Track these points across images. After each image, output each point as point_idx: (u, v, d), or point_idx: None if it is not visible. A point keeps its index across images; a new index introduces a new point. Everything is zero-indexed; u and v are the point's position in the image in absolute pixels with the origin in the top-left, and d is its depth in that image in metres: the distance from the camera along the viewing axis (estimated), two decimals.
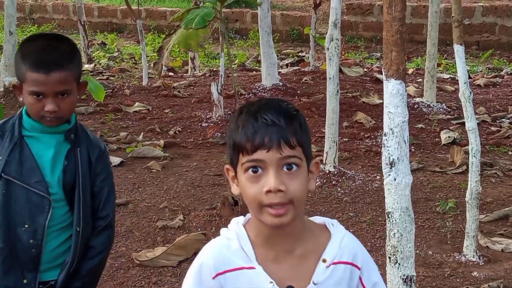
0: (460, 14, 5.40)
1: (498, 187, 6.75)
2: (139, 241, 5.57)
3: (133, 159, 7.64)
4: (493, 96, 10.76)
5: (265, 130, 1.85)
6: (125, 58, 14.75)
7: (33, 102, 2.51)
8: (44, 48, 2.54)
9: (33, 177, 2.51)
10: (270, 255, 1.94)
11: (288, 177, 1.86)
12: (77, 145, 2.63)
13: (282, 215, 1.85)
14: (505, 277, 4.88)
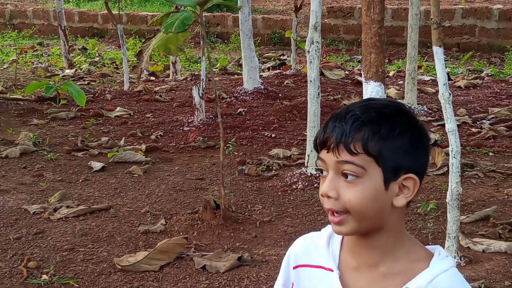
0: (439, 16, 5.43)
1: (479, 188, 6.77)
2: (120, 246, 5.54)
3: (115, 164, 7.62)
4: (473, 98, 10.82)
5: (331, 129, 1.78)
6: (106, 63, 14.73)
7: None
8: None
9: None
10: (352, 263, 1.87)
11: (345, 185, 1.75)
12: None
13: (338, 224, 1.79)
14: (486, 278, 4.90)
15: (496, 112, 9.71)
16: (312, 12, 7.27)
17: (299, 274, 1.94)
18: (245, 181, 7.05)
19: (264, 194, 6.70)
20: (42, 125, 9.30)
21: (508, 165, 7.46)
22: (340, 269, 1.86)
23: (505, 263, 5.15)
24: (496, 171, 7.25)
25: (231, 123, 9.12)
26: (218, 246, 5.48)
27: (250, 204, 6.42)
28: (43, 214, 6.20)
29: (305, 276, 1.93)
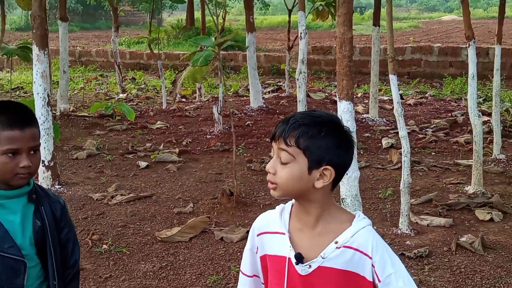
0: (394, 52, 5.42)
1: (424, 178, 6.77)
2: (160, 223, 5.55)
3: (156, 163, 7.63)
4: (420, 112, 10.81)
5: (278, 127, 1.88)
6: (149, 89, 14.73)
7: (8, 161, 2.03)
8: (11, 109, 2.12)
9: (5, 243, 2.04)
10: (298, 226, 1.92)
11: (280, 166, 1.85)
12: (40, 204, 2.16)
13: (272, 189, 1.89)
14: (429, 245, 4.89)
15: (437, 122, 9.70)
16: (300, 50, 7.28)
17: (261, 240, 1.99)
18: (252, 175, 7.05)
19: (266, 184, 6.68)
20: (102, 135, 9.32)
21: (446, 161, 7.45)
22: (290, 232, 1.92)
23: (444, 233, 5.15)
24: (436, 166, 7.24)
25: (241, 132, 9.12)
26: (232, 223, 5.48)
27: (255, 191, 6.43)
28: (103, 200, 6.22)
29: (265, 240, 1.98)
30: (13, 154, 2.04)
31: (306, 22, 7.85)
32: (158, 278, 4.46)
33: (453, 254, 4.75)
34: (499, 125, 7.49)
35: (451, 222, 5.37)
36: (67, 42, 11.61)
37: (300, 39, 7.45)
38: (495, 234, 5.14)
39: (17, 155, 2.04)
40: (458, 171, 7.06)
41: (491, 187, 6.31)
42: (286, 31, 13.95)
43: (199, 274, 4.49)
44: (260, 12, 31.76)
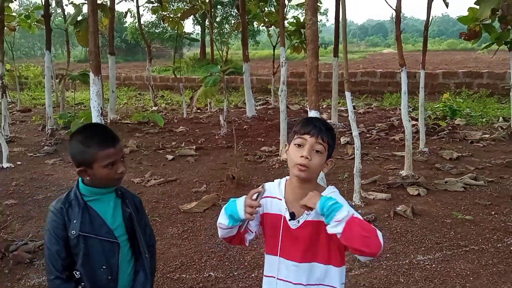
0: (348, 76, 5.44)
1: (371, 165, 6.79)
2: (182, 199, 5.55)
3: (179, 156, 7.62)
4: (367, 118, 10.83)
5: (312, 126, 1.91)
6: (174, 103, 14.70)
7: (109, 171, 2.00)
8: (99, 130, 2.06)
9: (102, 230, 2.01)
10: (290, 197, 1.96)
11: (315, 154, 1.88)
12: (125, 198, 2.13)
13: (303, 171, 1.87)
14: (375, 212, 4.91)
15: (379, 125, 9.71)
16: (282, 75, 7.29)
17: (265, 201, 1.99)
18: (248, 164, 7.05)
19: (258, 171, 6.70)
20: (140, 137, 9.29)
21: (386, 153, 7.47)
22: (285, 199, 1.96)
23: (385, 204, 5.17)
24: (379, 157, 7.26)
25: (240, 134, 9.11)
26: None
27: (250, 176, 6.43)
28: (142, 183, 6.21)
29: (267, 202, 1.99)
30: (112, 165, 2.00)
31: (286, 54, 7.86)
32: (181, 238, 4.47)
33: (392, 219, 4.78)
34: (423, 127, 7.54)
35: (390, 196, 5.40)
36: (114, 70, 11.60)
37: (282, 67, 7.46)
38: (421, 204, 5.18)
39: (114, 165, 2.01)
40: (394, 160, 7.09)
41: (418, 171, 6.34)
42: (271, 61, 13.96)
43: (211, 235, 4.50)
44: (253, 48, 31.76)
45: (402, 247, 4.16)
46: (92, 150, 1.98)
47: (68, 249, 2.00)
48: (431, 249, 4.13)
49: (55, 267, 1.98)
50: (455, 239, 4.31)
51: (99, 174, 2.00)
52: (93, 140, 1.99)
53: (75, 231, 1.97)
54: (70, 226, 1.98)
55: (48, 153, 8.07)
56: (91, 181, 2.04)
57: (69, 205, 2.01)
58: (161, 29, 28.16)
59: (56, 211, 2.01)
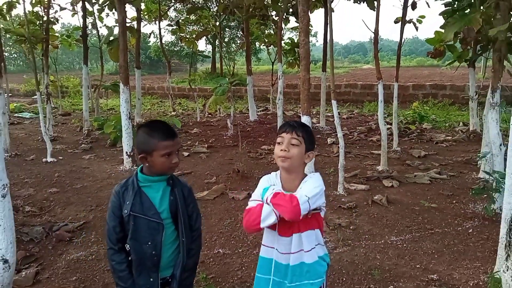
0: (334, 87, 5.43)
1: (353, 162, 6.78)
2: (197, 188, 5.52)
3: (194, 153, 7.60)
4: (350, 122, 10.82)
5: (288, 126, 1.95)
6: (189, 109, 14.69)
7: (165, 160, 1.98)
8: (163, 126, 2.04)
9: (150, 211, 2.00)
10: (284, 187, 1.98)
11: (292, 147, 1.91)
12: (174, 186, 2.08)
13: (284, 162, 1.92)
14: (355, 201, 4.90)
15: (360, 129, 9.70)
16: (279, 86, 7.28)
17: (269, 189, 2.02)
18: (251, 160, 7.04)
19: (259, 165, 6.69)
20: None
21: (365, 151, 7.45)
22: (282, 187, 1.99)
23: (364, 194, 5.16)
24: (360, 155, 7.25)
25: (244, 134, 9.10)
26: (239, 188, 5.48)
27: (252, 170, 6.42)
28: None
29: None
30: (168, 155, 1.99)
31: (282, 69, 7.85)
32: None
33: (370, 206, 4.77)
34: (396, 130, 7.52)
35: (368, 187, 5.39)
36: (140, 82, 11.57)
37: (279, 80, 7.44)
38: (395, 194, 5.17)
39: (170, 156, 1.99)
40: (372, 157, 7.07)
41: (392, 167, 6.33)
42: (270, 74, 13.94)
43: (220, 218, 4.50)
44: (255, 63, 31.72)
45: (379, 230, 4.15)
46: (154, 140, 1.98)
47: (122, 225, 2.01)
48: (403, 231, 4.12)
49: (111, 239, 2.02)
50: (423, 223, 4.31)
51: (157, 162, 1.98)
52: (156, 132, 1.99)
53: (127, 210, 1.98)
54: (124, 206, 2.00)
55: (84, 149, 8.07)
56: (149, 168, 2.03)
57: (125, 188, 2.03)
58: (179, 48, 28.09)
59: (115, 193, 2.03)
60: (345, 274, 3.33)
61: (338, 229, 4.14)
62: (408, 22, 7.15)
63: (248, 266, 3.50)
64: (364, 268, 3.41)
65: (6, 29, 11.13)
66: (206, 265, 3.52)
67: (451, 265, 3.47)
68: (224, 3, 10.74)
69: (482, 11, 4.60)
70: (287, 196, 1.85)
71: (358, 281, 3.23)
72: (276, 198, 1.86)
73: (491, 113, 4.56)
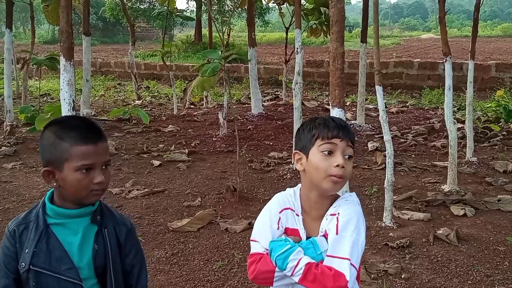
0: (379, 66, 5.44)
1: (405, 178, 6.78)
2: (171, 215, 5.55)
3: (168, 162, 7.63)
4: (401, 119, 10.83)
5: (339, 130, 1.93)
6: (162, 96, 14.74)
7: (82, 178, 1.79)
8: (82, 123, 1.87)
9: (63, 265, 1.81)
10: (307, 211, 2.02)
11: (347, 161, 1.92)
12: (103, 226, 1.90)
13: (339, 184, 1.92)
14: (410, 236, 4.91)
15: (416, 128, 9.71)
16: (296, 63, 7.28)
17: (285, 214, 2.03)
18: (253, 173, 7.06)
19: (265, 181, 6.71)
20: (120, 137, 9.32)
21: (424, 163, 7.46)
22: (302, 214, 2.02)
23: (422, 227, 5.16)
24: (416, 167, 7.25)
25: (244, 135, 9.13)
26: (235, 215, 5.49)
27: (256, 188, 6.43)
28: (121, 194, 6.22)
29: (288, 215, 2.03)
30: (87, 170, 1.81)
31: (302, 38, 7.87)
32: (170, 264, 4.47)
33: (431, 244, 4.77)
34: (471, 131, 7.51)
35: (429, 217, 5.38)
36: (89, 55, 11.64)
37: (297, 54, 7.46)
38: (468, 227, 5.16)
39: (91, 171, 1.81)
40: (435, 171, 7.07)
41: (464, 186, 6.32)
42: (283, 46, 14.02)
43: (206, 260, 4.51)
44: (260, 29, 31.82)
45: (444, 280, 4.15)
46: (65, 144, 1.81)
47: (19, 284, 1.87)
48: (480, 282, 4.11)
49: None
50: (510, 271, 4.30)
51: (69, 180, 1.81)
52: (70, 132, 1.83)
53: (24, 263, 1.82)
54: (22, 255, 1.84)
55: (6, 155, 8.09)
56: (59, 192, 1.88)
57: (25, 227, 1.86)
58: (148, 5, 28.29)
59: (8, 234, 1.87)
60: None
61: (384, 278, 4.14)
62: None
63: None
64: None
65: None
66: None
67: None
68: None
69: None
70: (330, 276, 1.81)
71: None
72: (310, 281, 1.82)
73: None
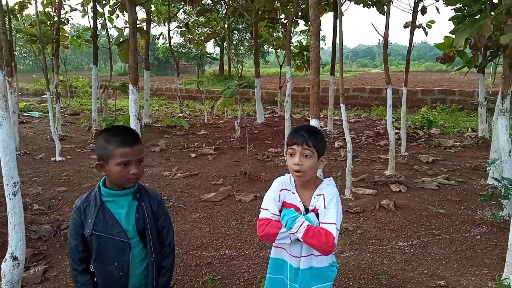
0: (343, 91, 5.43)
1: (360, 166, 6.76)
2: (203, 190, 5.55)
3: (200, 154, 7.63)
4: (357, 127, 10.78)
5: (298, 136, 1.90)
6: (196, 111, 14.72)
7: (121, 170, 1.81)
8: (122, 131, 1.88)
9: (115, 229, 1.84)
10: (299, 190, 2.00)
11: (305, 159, 1.88)
12: (142, 200, 1.91)
13: (300, 177, 1.91)
14: (363, 205, 4.89)
15: (367, 133, 9.67)
16: (287, 89, 7.28)
17: (283, 193, 2.02)
18: (258, 162, 7.05)
19: (266, 168, 6.70)
20: (169, 138, 9.31)
21: (373, 156, 7.44)
22: (297, 192, 2.00)
23: (371, 199, 5.15)
24: (367, 159, 7.24)
25: (251, 137, 9.11)
26: (246, 190, 5.49)
27: (259, 172, 6.43)
28: (169, 176, 6.23)
29: (285, 193, 2.02)
30: (125, 165, 1.82)
31: (291, 72, 7.85)
32: (202, 223, 4.48)
33: (377, 211, 4.76)
34: (404, 135, 7.48)
35: (376, 192, 5.37)
36: (148, 83, 11.64)
37: (287, 82, 7.45)
38: (402, 199, 5.15)
39: (128, 166, 1.82)
40: (380, 162, 7.06)
41: (399, 171, 6.31)
42: (278, 77, 13.95)
43: (226, 220, 4.51)
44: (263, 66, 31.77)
45: (386, 235, 4.14)
46: (110, 146, 1.82)
47: (86, 244, 1.87)
48: (410, 236, 4.11)
49: (74, 260, 1.87)
50: (430, 228, 4.29)
51: (113, 171, 1.83)
52: (114, 138, 1.83)
53: (88, 229, 1.84)
54: (86, 224, 1.85)
55: (93, 149, 8.13)
56: (108, 178, 1.89)
57: (87, 204, 1.87)
58: (188, 49, 28.21)
59: (76, 209, 1.89)
60: (352, 278, 3.32)
61: (345, 233, 4.14)
62: (418, 27, 7.14)
63: (254, 268, 3.50)
64: (371, 273, 3.40)
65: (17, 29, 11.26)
66: (212, 266, 3.53)
67: (458, 271, 3.45)
68: (233, 5, 10.78)
69: (492, 17, 4.58)
70: (323, 234, 1.82)
71: (365, 285, 3.23)
72: (310, 236, 1.83)
73: (501, 119, 4.53)
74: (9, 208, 2.85)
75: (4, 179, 2.81)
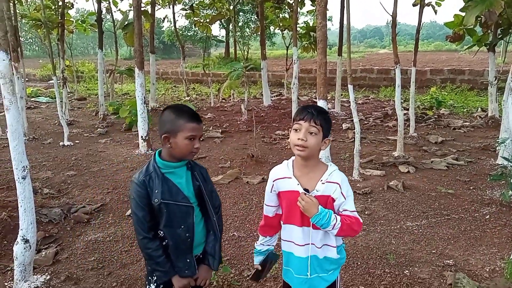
0: (350, 71, 5.37)
1: (368, 147, 6.74)
2: (211, 173, 5.55)
3: (208, 138, 7.62)
4: (365, 108, 10.70)
5: (306, 112, 1.87)
6: (203, 94, 14.69)
7: (188, 143, 1.96)
8: (189, 109, 2.01)
9: (179, 196, 2.00)
10: (298, 173, 1.93)
11: (310, 136, 1.85)
12: (194, 170, 2.08)
13: (302, 151, 1.87)
14: (371, 186, 4.89)
15: (375, 114, 9.61)
16: (294, 71, 7.23)
17: (276, 184, 1.98)
18: (265, 145, 7.05)
19: (273, 150, 6.70)
20: None
21: (381, 137, 7.40)
22: (294, 176, 1.94)
23: (379, 180, 5.14)
24: (375, 140, 7.20)
25: (258, 120, 9.09)
26: (253, 173, 5.50)
27: (266, 155, 6.43)
28: None
29: (279, 183, 1.98)
30: (191, 139, 1.96)
31: (297, 54, 7.78)
32: None
33: (385, 191, 4.76)
34: (413, 115, 7.43)
35: (384, 173, 5.36)
36: (154, 66, 11.62)
37: (294, 64, 7.39)
38: (411, 180, 5.14)
39: (193, 140, 1.97)
40: (388, 143, 7.02)
41: (408, 152, 6.28)
42: (285, 59, 13.85)
43: (235, 202, 4.54)
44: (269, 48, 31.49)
45: (394, 215, 4.14)
46: (181, 121, 1.95)
47: (151, 213, 2.00)
48: (418, 217, 4.11)
49: (143, 229, 2.00)
50: (439, 209, 4.28)
51: (180, 144, 1.96)
52: (184, 113, 1.97)
53: (157, 199, 1.97)
54: (153, 195, 1.97)
55: (100, 134, 8.17)
56: (169, 151, 2.01)
57: (149, 177, 1.99)
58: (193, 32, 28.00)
59: (139, 183, 1.99)
60: (360, 258, 3.34)
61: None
62: (427, 5, 7.01)
63: None
64: (379, 253, 3.42)
65: (22, 14, 11.24)
66: (221, 247, 3.56)
67: (467, 250, 3.45)
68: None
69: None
70: (354, 223, 1.87)
71: (373, 265, 3.24)
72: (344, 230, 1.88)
73: (511, 98, 4.47)
74: (19, 192, 2.88)
75: (13, 163, 2.83)
